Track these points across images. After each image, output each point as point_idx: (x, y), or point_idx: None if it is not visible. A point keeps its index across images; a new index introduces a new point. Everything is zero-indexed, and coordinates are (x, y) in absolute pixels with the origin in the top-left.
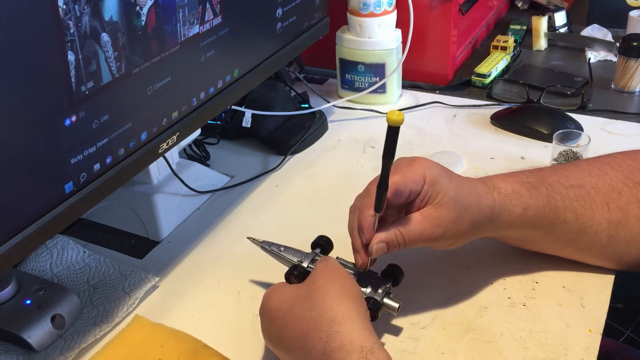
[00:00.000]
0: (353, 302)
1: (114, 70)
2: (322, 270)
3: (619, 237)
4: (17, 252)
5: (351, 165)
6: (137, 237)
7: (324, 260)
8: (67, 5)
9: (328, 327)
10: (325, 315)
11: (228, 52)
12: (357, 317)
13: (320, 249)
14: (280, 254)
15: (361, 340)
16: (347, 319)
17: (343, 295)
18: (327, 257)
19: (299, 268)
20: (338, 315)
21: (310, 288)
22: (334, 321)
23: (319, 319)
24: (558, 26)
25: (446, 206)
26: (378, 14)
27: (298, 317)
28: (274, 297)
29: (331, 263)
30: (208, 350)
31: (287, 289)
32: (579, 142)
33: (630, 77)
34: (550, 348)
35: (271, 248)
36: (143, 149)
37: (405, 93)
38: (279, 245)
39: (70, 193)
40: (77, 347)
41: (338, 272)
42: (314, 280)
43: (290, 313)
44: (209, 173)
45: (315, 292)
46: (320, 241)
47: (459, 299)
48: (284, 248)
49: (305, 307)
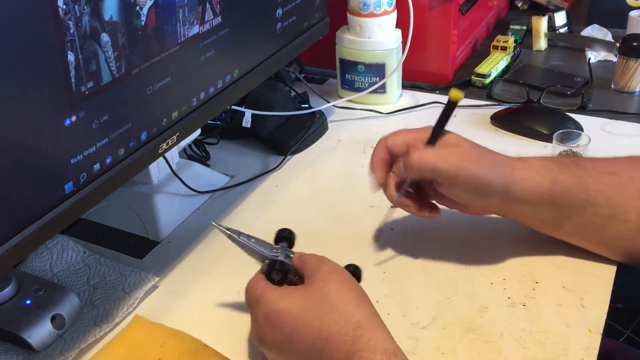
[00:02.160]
0: (370, 306)
1: (114, 71)
2: (331, 273)
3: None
4: (17, 252)
5: (351, 165)
6: (137, 237)
7: (320, 260)
8: (67, 5)
9: (354, 331)
10: (349, 319)
11: (228, 52)
12: (379, 322)
13: (287, 242)
14: (251, 245)
15: (385, 343)
16: (370, 323)
17: (362, 301)
18: (317, 255)
19: (280, 264)
20: (362, 319)
21: (323, 291)
22: (359, 325)
23: (343, 323)
24: (558, 26)
25: (463, 146)
26: (378, 14)
27: (315, 320)
28: (280, 299)
29: (333, 264)
30: (208, 350)
31: (294, 290)
32: (579, 142)
33: (630, 77)
34: (550, 348)
35: (240, 238)
36: (143, 149)
37: (405, 93)
38: (248, 236)
39: (70, 193)
40: (77, 347)
41: (344, 274)
42: (324, 282)
43: (305, 316)
44: (209, 173)
45: (330, 295)
46: (284, 234)
47: (459, 299)
48: (255, 239)
49: (323, 310)
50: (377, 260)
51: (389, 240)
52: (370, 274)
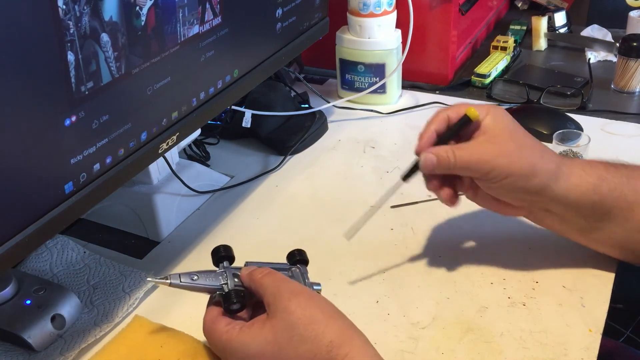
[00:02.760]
0: (340, 319)
1: (114, 71)
2: (292, 297)
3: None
4: (17, 252)
5: (351, 165)
6: (137, 237)
7: (276, 284)
8: (67, 6)
9: (328, 354)
10: (320, 343)
11: (228, 52)
12: (353, 334)
13: (226, 261)
14: (196, 284)
15: (360, 356)
16: (343, 339)
17: (330, 316)
18: (271, 274)
19: (236, 293)
20: (333, 338)
21: (290, 319)
22: (332, 346)
23: (316, 349)
24: (558, 26)
25: (501, 137)
26: (378, 14)
27: (291, 355)
28: (250, 343)
29: (291, 284)
30: (208, 351)
31: (259, 328)
32: (578, 142)
33: (630, 77)
34: (550, 348)
35: (182, 282)
36: (143, 149)
37: (405, 93)
38: (190, 274)
39: (70, 193)
40: (77, 347)
41: (305, 293)
42: (287, 310)
43: (280, 354)
44: (209, 173)
45: (298, 323)
46: (222, 254)
47: (459, 299)
48: (196, 275)
49: (295, 342)
50: (377, 260)
51: (389, 240)
52: (370, 274)
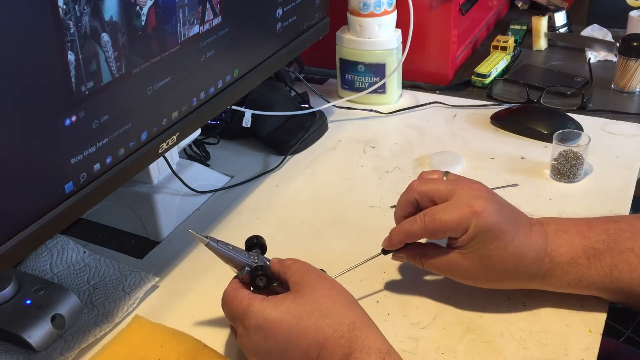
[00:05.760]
0: (361, 308)
1: (114, 70)
2: (318, 279)
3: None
4: (17, 252)
5: (351, 166)
6: (137, 237)
7: (304, 267)
8: (67, 5)
9: (349, 333)
10: (343, 321)
11: (228, 52)
12: (371, 323)
13: (260, 249)
14: (230, 252)
15: (379, 343)
16: (363, 324)
17: (352, 303)
18: (300, 261)
19: (263, 268)
20: (355, 320)
21: (315, 294)
22: (354, 327)
23: (338, 326)
24: (558, 26)
25: (475, 262)
26: (378, 14)
27: (310, 326)
28: (271, 309)
29: (317, 270)
30: (208, 351)
31: (282, 298)
32: (579, 142)
33: (630, 77)
34: (550, 348)
35: (219, 245)
36: (143, 149)
37: (405, 93)
38: (226, 244)
39: (70, 193)
40: (77, 347)
41: (331, 280)
42: (313, 288)
43: (299, 324)
44: (209, 173)
45: (321, 299)
46: (255, 241)
47: (459, 299)
48: (232, 247)
49: (316, 316)
50: (377, 260)
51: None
52: (370, 274)
